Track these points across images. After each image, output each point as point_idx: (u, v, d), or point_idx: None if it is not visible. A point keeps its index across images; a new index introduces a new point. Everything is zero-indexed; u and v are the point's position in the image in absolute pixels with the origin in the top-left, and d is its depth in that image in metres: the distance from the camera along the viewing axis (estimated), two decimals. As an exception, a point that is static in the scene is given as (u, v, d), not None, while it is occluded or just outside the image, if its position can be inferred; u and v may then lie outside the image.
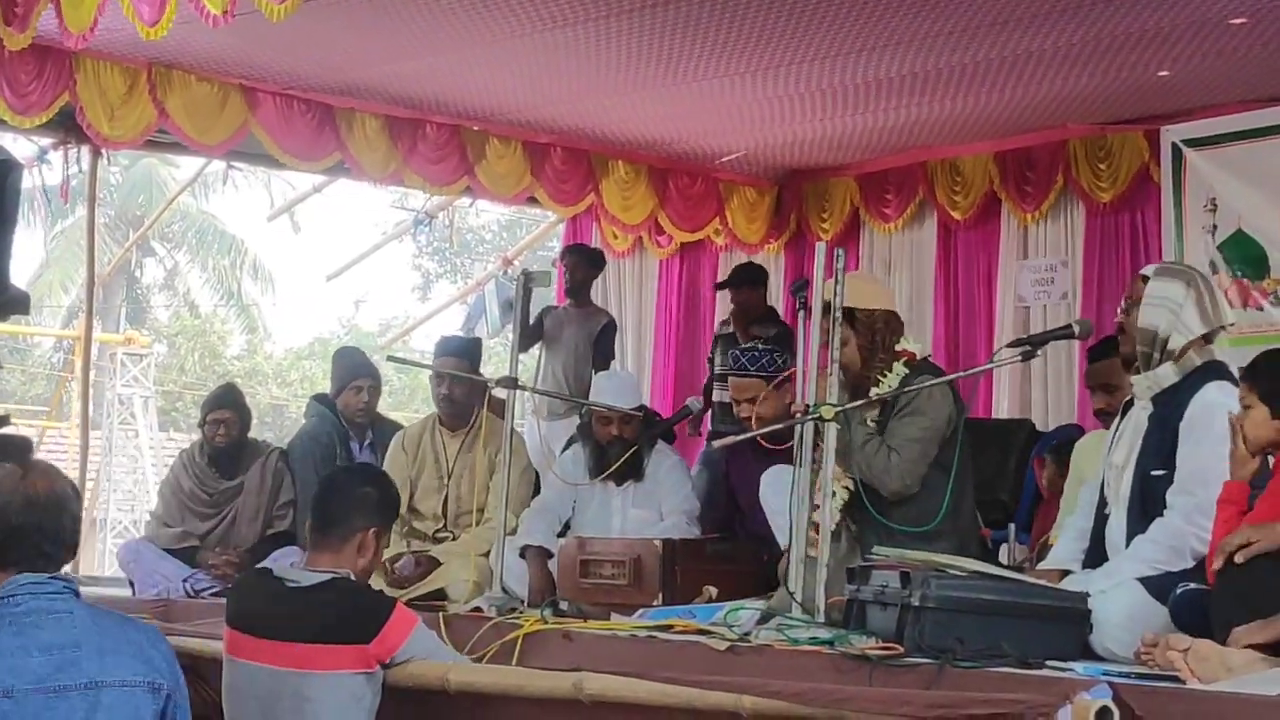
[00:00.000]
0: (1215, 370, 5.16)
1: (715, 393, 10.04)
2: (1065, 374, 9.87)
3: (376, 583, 6.00)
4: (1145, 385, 5.23)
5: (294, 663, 5.01)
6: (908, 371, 5.92)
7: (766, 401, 6.66)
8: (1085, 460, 6.61)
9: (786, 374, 6.68)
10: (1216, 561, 4.39)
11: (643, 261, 12.33)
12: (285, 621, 5.09)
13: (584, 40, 8.26)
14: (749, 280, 10.45)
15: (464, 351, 7.83)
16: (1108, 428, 5.93)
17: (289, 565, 6.66)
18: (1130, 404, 5.40)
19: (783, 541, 6.18)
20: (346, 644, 5.02)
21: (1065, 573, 5.35)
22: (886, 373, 5.92)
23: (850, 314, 5.82)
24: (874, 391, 5.86)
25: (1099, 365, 6.65)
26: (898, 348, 6.00)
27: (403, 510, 7.16)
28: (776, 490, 6.37)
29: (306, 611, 5.08)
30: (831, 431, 5.36)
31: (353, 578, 5.15)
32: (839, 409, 5.40)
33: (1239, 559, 4.30)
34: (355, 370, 8.54)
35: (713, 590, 6.28)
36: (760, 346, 7.23)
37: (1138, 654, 4.50)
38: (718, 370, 10.13)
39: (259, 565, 6.86)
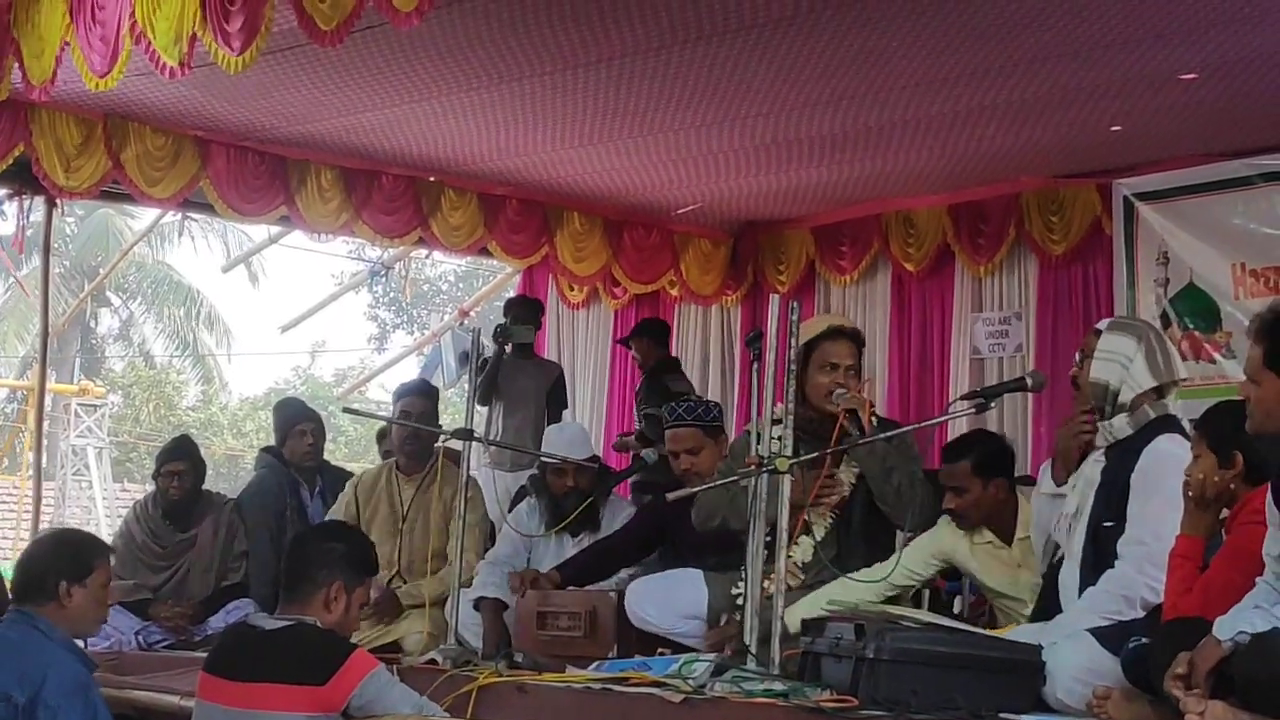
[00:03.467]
0: (1167, 423, 5.20)
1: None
2: (1018, 426, 9.89)
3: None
4: (1099, 437, 5.27)
5: (246, 702, 4.98)
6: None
7: (703, 453, 6.70)
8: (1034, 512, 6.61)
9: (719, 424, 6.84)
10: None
11: (599, 313, 12.34)
12: (244, 662, 5.08)
13: (540, 93, 8.28)
14: (644, 332, 10.79)
15: (426, 390, 7.84)
16: (959, 527, 5.93)
17: (246, 616, 6.62)
18: (1085, 455, 5.43)
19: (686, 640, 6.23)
20: (299, 684, 4.96)
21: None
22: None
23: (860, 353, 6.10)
24: (845, 425, 5.90)
25: (948, 468, 6.12)
26: None
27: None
28: (650, 602, 6.40)
29: (264, 652, 5.06)
30: (786, 484, 5.37)
31: (319, 625, 5.14)
32: (794, 461, 5.41)
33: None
34: (295, 416, 8.61)
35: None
36: (694, 398, 7.27)
37: (1090, 705, 4.52)
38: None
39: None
